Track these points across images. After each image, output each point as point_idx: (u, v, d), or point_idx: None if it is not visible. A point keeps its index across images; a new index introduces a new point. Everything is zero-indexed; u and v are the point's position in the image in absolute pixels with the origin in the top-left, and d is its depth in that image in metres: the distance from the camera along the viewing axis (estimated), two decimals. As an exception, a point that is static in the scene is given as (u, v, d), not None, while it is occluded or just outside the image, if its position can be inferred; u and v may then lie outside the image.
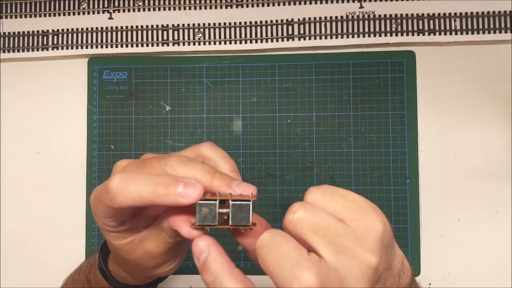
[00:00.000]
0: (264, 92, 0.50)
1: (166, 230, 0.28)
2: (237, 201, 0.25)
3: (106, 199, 0.26)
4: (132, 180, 0.25)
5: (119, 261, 0.33)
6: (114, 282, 0.34)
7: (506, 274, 0.47)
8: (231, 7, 0.51)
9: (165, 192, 0.25)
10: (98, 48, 0.52)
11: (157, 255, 0.29)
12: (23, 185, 0.52)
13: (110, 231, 0.29)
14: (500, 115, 0.49)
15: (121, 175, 0.26)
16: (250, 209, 0.25)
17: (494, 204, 0.48)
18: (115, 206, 0.25)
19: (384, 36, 0.49)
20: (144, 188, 0.25)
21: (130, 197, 0.25)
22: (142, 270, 0.32)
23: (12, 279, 0.52)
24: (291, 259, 0.23)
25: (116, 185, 0.25)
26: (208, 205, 0.25)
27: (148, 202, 0.25)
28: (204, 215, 0.25)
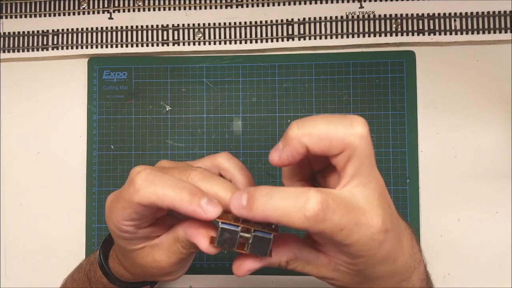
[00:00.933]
0: (264, 92, 0.50)
1: (181, 241, 0.28)
2: (259, 232, 0.25)
3: (128, 193, 0.25)
4: (160, 178, 0.25)
5: (126, 262, 0.32)
6: (114, 279, 0.35)
7: (506, 274, 0.47)
8: (231, 7, 0.51)
9: (189, 199, 0.25)
10: (98, 48, 0.52)
11: (166, 264, 0.29)
12: (23, 185, 0.52)
13: (123, 237, 0.28)
14: (500, 115, 0.49)
15: (149, 171, 0.26)
16: (270, 243, 0.25)
17: (494, 204, 0.48)
18: (136, 200, 0.25)
19: (384, 36, 0.49)
20: (170, 190, 0.25)
21: (154, 194, 0.25)
22: (148, 276, 0.31)
23: (12, 279, 0.52)
24: (294, 190, 0.23)
25: (142, 179, 0.25)
26: (230, 231, 0.25)
27: (169, 203, 0.25)
28: (224, 239, 0.25)
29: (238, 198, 0.23)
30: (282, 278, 0.49)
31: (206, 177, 0.27)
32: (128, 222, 0.27)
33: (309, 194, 0.22)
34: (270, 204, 0.22)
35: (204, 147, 0.50)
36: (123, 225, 0.27)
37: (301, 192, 0.22)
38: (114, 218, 0.27)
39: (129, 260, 0.31)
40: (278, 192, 0.23)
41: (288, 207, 0.22)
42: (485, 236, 0.48)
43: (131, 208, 0.26)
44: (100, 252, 0.35)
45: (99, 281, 0.35)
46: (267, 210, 0.22)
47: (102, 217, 0.51)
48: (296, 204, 0.22)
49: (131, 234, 0.28)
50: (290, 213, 0.22)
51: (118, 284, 0.35)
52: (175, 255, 0.29)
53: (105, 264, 0.35)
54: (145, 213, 0.26)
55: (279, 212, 0.22)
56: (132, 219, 0.27)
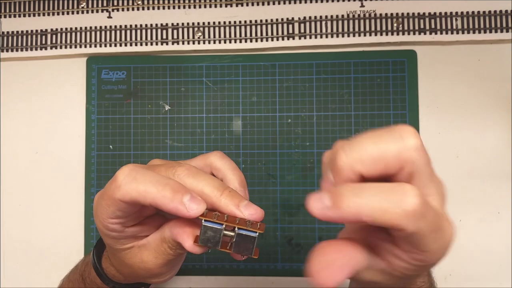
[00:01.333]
0: (264, 91, 0.50)
1: (168, 241, 0.27)
2: (243, 231, 0.24)
3: (110, 189, 0.25)
4: (142, 175, 0.25)
5: (115, 262, 0.32)
6: (107, 280, 0.34)
7: (507, 275, 0.47)
8: (231, 6, 0.51)
9: (171, 196, 0.24)
10: (97, 47, 0.52)
11: (154, 265, 0.29)
12: (22, 185, 0.52)
13: (110, 236, 0.28)
14: (502, 114, 0.49)
15: (131, 167, 0.25)
16: (255, 242, 0.24)
17: (496, 205, 0.48)
18: (117, 197, 0.25)
19: (385, 35, 0.49)
20: (151, 186, 0.24)
21: (136, 190, 0.24)
22: (136, 277, 0.31)
23: (11, 279, 0.51)
24: (384, 185, 0.20)
25: (124, 175, 0.25)
26: (213, 229, 0.24)
27: (151, 200, 0.24)
28: (208, 237, 0.24)
29: (319, 199, 0.21)
30: (283, 279, 0.49)
31: (193, 174, 0.26)
32: (113, 220, 0.27)
33: (406, 188, 0.20)
34: (362, 200, 0.20)
35: (203, 147, 0.50)
36: (108, 223, 0.27)
37: (393, 186, 0.20)
38: (99, 216, 0.27)
39: (118, 260, 0.31)
40: (367, 188, 0.20)
41: (383, 202, 0.19)
42: (487, 237, 0.47)
43: (114, 205, 0.26)
44: (93, 253, 0.35)
45: (93, 281, 0.35)
46: (359, 206, 0.19)
47: (101, 217, 0.50)
48: (391, 198, 0.19)
49: (118, 233, 0.28)
50: (387, 209, 0.19)
51: (111, 285, 0.35)
52: (162, 256, 0.28)
53: (99, 265, 0.35)
54: (128, 210, 0.26)
55: (375, 208, 0.19)
56: (117, 217, 0.26)
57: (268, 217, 0.49)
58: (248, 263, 0.49)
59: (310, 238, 0.48)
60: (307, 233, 0.48)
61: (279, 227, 0.49)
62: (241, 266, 0.49)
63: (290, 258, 0.49)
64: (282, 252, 0.49)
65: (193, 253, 0.26)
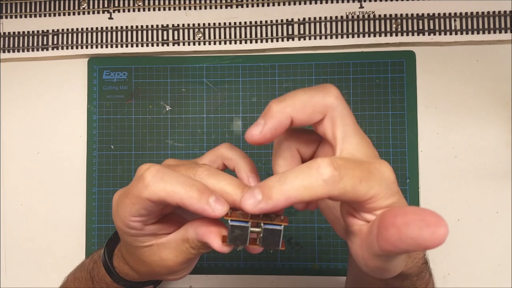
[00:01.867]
0: (264, 92, 0.50)
1: (191, 241, 0.28)
2: (269, 225, 0.25)
3: (137, 188, 0.25)
4: (169, 175, 0.25)
5: (132, 261, 0.32)
6: (118, 278, 0.34)
7: (506, 274, 0.47)
8: (231, 7, 0.51)
9: (198, 197, 0.25)
10: (98, 48, 0.52)
11: (173, 263, 0.29)
12: (23, 185, 0.52)
13: (130, 234, 0.28)
14: (500, 114, 0.49)
15: (158, 168, 0.26)
16: (281, 234, 0.25)
17: (494, 204, 0.48)
18: (145, 196, 0.25)
19: (384, 36, 0.49)
20: (179, 186, 0.25)
21: (164, 190, 0.25)
22: (154, 274, 0.31)
23: (12, 279, 0.52)
24: (302, 166, 0.23)
25: (152, 175, 0.25)
26: (240, 227, 0.25)
27: (178, 200, 0.25)
28: (236, 236, 0.25)
29: (250, 196, 0.23)
30: (282, 277, 0.49)
31: (213, 174, 0.27)
32: (136, 218, 0.27)
33: (318, 161, 0.22)
34: (287, 186, 0.22)
35: (204, 147, 0.50)
36: (130, 221, 0.27)
37: (309, 164, 0.22)
38: (121, 214, 0.27)
39: (136, 259, 0.31)
40: (288, 173, 0.22)
41: (305, 180, 0.22)
42: (485, 236, 0.48)
43: (139, 204, 0.26)
44: (104, 251, 0.35)
45: (102, 280, 0.35)
46: (287, 191, 0.22)
47: (102, 217, 0.51)
48: (310, 175, 0.22)
49: (138, 231, 0.28)
50: (310, 185, 0.22)
51: (122, 284, 0.35)
52: (183, 254, 0.29)
53: (110, 263, 0.35)
54: (153, 209, 0.26)
55: (299, 188, 0.22)
56: (140, 215, 0.27)
57: (268, 216, 0.49)
58: (247, 262, 0.49)
59: (310, 237, 0.49)
60: (306, 232, 0.49)
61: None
62: (241, 265, 0.49)
63: (290, 257, 0.49)
64: (281, 251, 0.49)
65: (222, 252, 0.26)
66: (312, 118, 0.25)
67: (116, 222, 0.28)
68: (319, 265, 0.49)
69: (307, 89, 0.25)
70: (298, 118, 0.24)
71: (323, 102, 0.24)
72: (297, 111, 0.24)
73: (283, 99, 0.25)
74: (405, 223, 0.21)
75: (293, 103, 0.24)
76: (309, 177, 0.22)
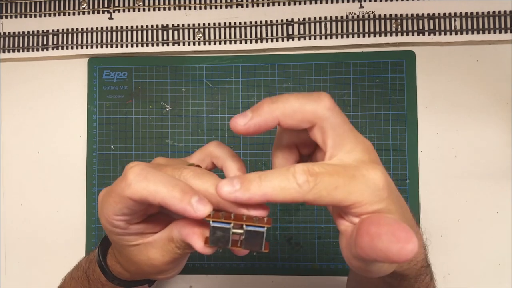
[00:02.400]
0: (264, 92, 0.50)
1: (176, 241, 0.28)
2: (251, 227, 0.25)
3: (120, 187, 0.26)
4: (153, 175, 0.25)
5: (121, 259, 0.33)
6: (111, 277, 0.35)
7: (506, 274, 0.47)
8: (231, 7, 0.51)
9: (180, 197, 0.25)
10: (98, 48, 0.52)
11: (160, 263, 0.29)
12: (23, 185, 0.52)
13: (115, 233, 0.28)
14: (500, 115, 0.49)
15: (142, 166, 0.26)
16: (264, 236, 0.25)
17: (494, 204, 0.48)
18: (127, 194, 0.25)
19: (384, 36, 0.49)
20: (162, 186, 0.25)
21: (146, 189, 0.25)
22: (143, 273, 0.32)
23: (12, 279, 0.52)
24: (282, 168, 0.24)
25: (135, 174, 0.25)
26: (222, 228, 0.25)
27: (160, 200, 0.25)
28: (217, 237, 0.25)
29: (229, 183, 0.24)
30: (282, 277, 0.49)
31: (198, 175, 0.27)
32: (119, 217, 0.27)
33: (295, 166, 0.23)
34: (266, 182, 0.23)
35: (204, 147, 0.50)
36: (113, 219, 0.27)
37: (289, 167, 0.24)
38: (105, 213, 0.27)
39: (125, 258, 0.31)
40: (269, 172, 0.24)
41: (282, 182, 0.23)
42: (485, 236, 0.48)
43: (122, 203, 0.26)
44: (98, 250, 0.36)
45: (97, 279, 0.36)
46: (264, 188, 0.23)
47: (102, 217, 0.51)
48: (287, 177, 0.23)
49: (122, 230, 0.28)
50: (285, 186, 0.23)
51: (116, 283, 0.35)
52: (169, 254, 0.29)
53: (104, 262, 0.35)
54: (136, 208, 0.26)
55: (276, 188, 0.23)
56: (123, 214, 0.27)
57: (268, 216, 0.49)
58: (247, 261, 0.49)
59: (310, 237, 0.49)
60: (306, 232, 0.49)
61: (279, 226, 0.49)
62: (241, 265, 0.49)
63: (290, 257, 0.49)
64: (281, 251, 0.49)
65: (205, 254, 0.26)
66: (300, 125, 0.25)
67: (102, 221, 0.28)
68: (319, 265, 0.49)
69: (300, 96, 0.25)
70: (286, 122, 0.25)
71: (313, 112, 0.25)
72: (285, 116, 0.25)
73: (275, 100, 0.25)
74: (377, 234, 0.21)
75: (283, 107, 0.25)
76: (286, 180, 0.23)
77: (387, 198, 0.23)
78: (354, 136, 0.25)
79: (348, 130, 0.25)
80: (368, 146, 0.25)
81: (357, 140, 0.25)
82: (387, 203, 0.23)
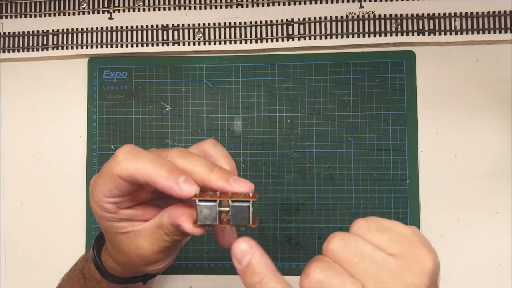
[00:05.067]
0: (264, 92, 0.50)
1: (165, 227, 0.28)
2: (236, 202, 0.25)
3: (109, 165, 0.26)
4: (141, 154, 0.26)
5: (112, 250, 0.33)
6: (106, 273, 0.35)
7: (506, 274, 0.47)
8: (231, 7, 0.51)
9: (167, 176, 0.25)
10: (98, 48, 0.52)
11: (149, 252, 0.29)
12: (23, 185, 0.52)
13: (105, 218, 0.29)
14: (500, 115, 0.49)
15: (131, 146, 0.27)
16: (250, 210, 0.25)
17: (494, 204, 0.48)
18: (116, 172, 0.26)
19: (384, 36, 0.49)
20: (149, 164, 0.26)
21: (134, 166, 0.26)
22: (132, 265, 0.32)
23: (12, 279, 0.52)
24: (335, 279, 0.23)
25: (124, 153, 0.26)
26: (208, 206, 0.25)
27: (147, 177, 0.25)
28: (205, 216, 0.25)
29: (241, 254, 0.25)
30: (282, 278, 0.49)
31: (184, 154, 0.28)
32: (109, 199, 0.27)
33: None
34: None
35: (204, 147, 0.50)
36: (103, 202, 0.27)
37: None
38: (95, 195, 0.28)
39: (115, 248, 0.31)
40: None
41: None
42: (485, 236, 0.48)
43: (111, 182, 0.26)
44: (93, 246, 0.36)
45: (92, 276, 0.36)
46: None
47: (102, 217, 0.51)
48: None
49: (112, 214, 0.28)
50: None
51: (109, 279, 0.35)
52: (157, 242, 0.29)
53: (98, 258, 0.35)
54: (125, 189, 0.27)
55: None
56: (113, 195, 0.27)
57: (268, 216, 0.49)
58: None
59: (310, 237, 0.49)
60: (306, 232, 0.49)
61: (279, 226, 0.49)
62: (241, 265, 0.49)
63: (290, 257, 0.49)
64: (281, 251, 0.49)
65: (195, 235, 0.27)
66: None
67: (92, 206, 0.29)
68: (319, 265, 0.49)
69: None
70: None
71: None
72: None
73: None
74: None
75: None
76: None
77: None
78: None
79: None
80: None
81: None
82: None
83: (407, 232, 0.25)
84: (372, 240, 0.24)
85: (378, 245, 0.24)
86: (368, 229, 0.25)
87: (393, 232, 0.24)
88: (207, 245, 0.49)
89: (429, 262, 0.24)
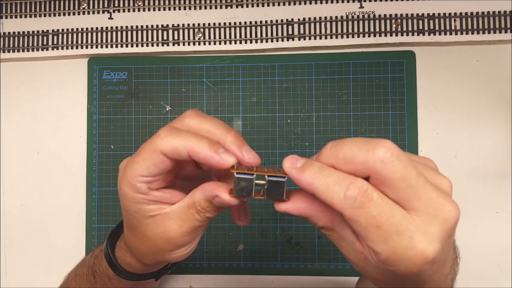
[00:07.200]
0: (264, 92, 0.51)
1: (198, 204, 0.29)
2: (273, 177, 0.26)
3: (151, 143, 0.27)
4: (182, 131, 0.27)
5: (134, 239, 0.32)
6: (120, 269, 0.35)
7: (506, 274, 0.47)
8: (231, 7, 0.51)
9: (209, 147, 0.26)
10: (98, 48, 0.52)
11: (177, 234, 0.30)
12: (23, 185, 0.52)
13: (135, 200, 0.29)
14: (500, 115, 0.49)
15: (170, 127, 0.28)
16: (285, 186, 0.26)
17: (494, 204, 0.48)
18: (159, 147, 0.27)
19: (384, 36, 0.49)
20: (192, 138, 0.27)
21: (178, 140, 0.27)
22: (156, 253, 0.31)
23: (12, 279, 0.52)
24: (345, 174, 0.24)
25: (166, 131, 0.27)
26: (246, 179, 0.26)
27: (190, 150, 0.26)
28: (241, 187, 0.26)
29: (294, 159, 0.25)
30: (282, 277, 0.49)
31: (202, 114, 0.29)
32: (144, 178, 0.28)
33: (356, 179, 0.23)
34: (320, 175, 0.24)
35: (204, 147, 0.50)
36: (137, 181, 0.28)
37: (349, 177, 0.23)
38: (129, 175, 0.28)
39: (139, 235, 0.31)
40: (330, 170, 0.24)
41: (333, 183, 0.23)
42: (485, 236, 0.48)
43: (151, 159, 0.27)
44: (107, 243, 0.36)
45: (104, 273, 0.36)
46: (315, 178, 0.24)
47: (102, 217, 0.51)
48: (341, 182, 0.23)
49: (144, 195, 0.28)
50: (332, 189, 0.23)
51: (123, 276, 0.35)
52: (187, 222, 0.29)
53: (112, 254, 0.35)
54: (163, 166, 0.27)
55: (324, 185, 0.23)
56: (149, 173, 0.28)
57: (268, 216, 0.49)
58: (248, 261, 0.49)
59: (310, 237, 0.49)
60: (306, 232, 0.49)
61: (279, 226, 0.49)
62: (241, 265, 0.49)
63: (290, 257, 0.49)
64: (281, 251, 0.49)
65: (231, 204, 0.28)
66: (355, 173, 0.24)
67: (123, 188, 0.29)
68: (319, 265, 0.49)
69: (357, 142, 0.23)
70: (339, 169, 0.24)
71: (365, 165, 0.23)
72: (339, 164, 0.24)
73: (335, 144, 0.24)
74: None
75: (336, 155, 0.24)
76: (338, 184, 0.23)
77: (416, 273, 0.23)
78: (426, 195, 0.23)
79: (417, 187, 0.23)
80: (443, 213, 0.23)
81: (429, 200, 0.23)
82: (410, 275, 0.23)
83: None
84: None
85: None
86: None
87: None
88: (207, 245, 0.49)
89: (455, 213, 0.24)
